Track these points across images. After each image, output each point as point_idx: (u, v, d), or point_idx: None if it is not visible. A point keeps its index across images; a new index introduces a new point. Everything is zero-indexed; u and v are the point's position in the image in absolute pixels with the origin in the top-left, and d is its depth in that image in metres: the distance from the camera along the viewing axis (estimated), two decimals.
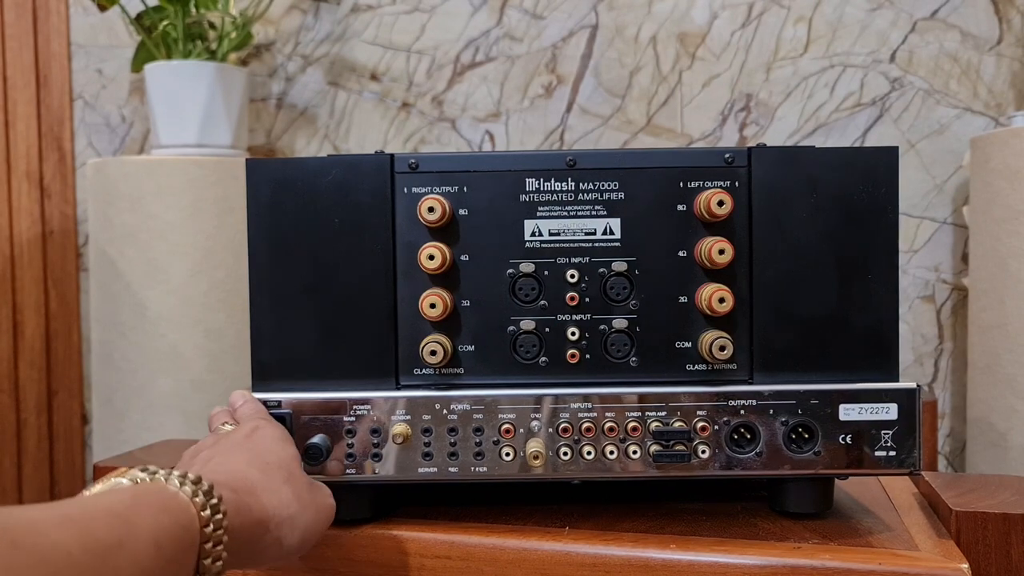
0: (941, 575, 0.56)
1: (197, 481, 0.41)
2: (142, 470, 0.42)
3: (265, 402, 0.64)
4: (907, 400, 0.62)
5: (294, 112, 1.54)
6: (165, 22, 1.36)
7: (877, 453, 0.62)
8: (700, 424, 0.62)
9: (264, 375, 0.65)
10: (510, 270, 0.64)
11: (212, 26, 1.40)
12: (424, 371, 0.65)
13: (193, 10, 1.36)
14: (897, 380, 0.63)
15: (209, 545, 0.40)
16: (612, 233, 0.64)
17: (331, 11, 1.52)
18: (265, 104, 1.55)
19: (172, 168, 1.30)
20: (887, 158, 0.63)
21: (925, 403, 1.01)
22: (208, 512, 0.40)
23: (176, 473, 0.41)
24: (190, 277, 1.30)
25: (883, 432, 0.62)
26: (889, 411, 0.62)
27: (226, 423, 0.60)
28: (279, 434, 0.56)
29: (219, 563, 0.41)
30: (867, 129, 1.37)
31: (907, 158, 1.36)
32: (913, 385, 0.63)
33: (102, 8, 1.37)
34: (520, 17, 1.47)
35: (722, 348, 0.61)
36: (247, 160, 0.66)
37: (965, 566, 0.56)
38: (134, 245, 1.30)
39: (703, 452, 0.62)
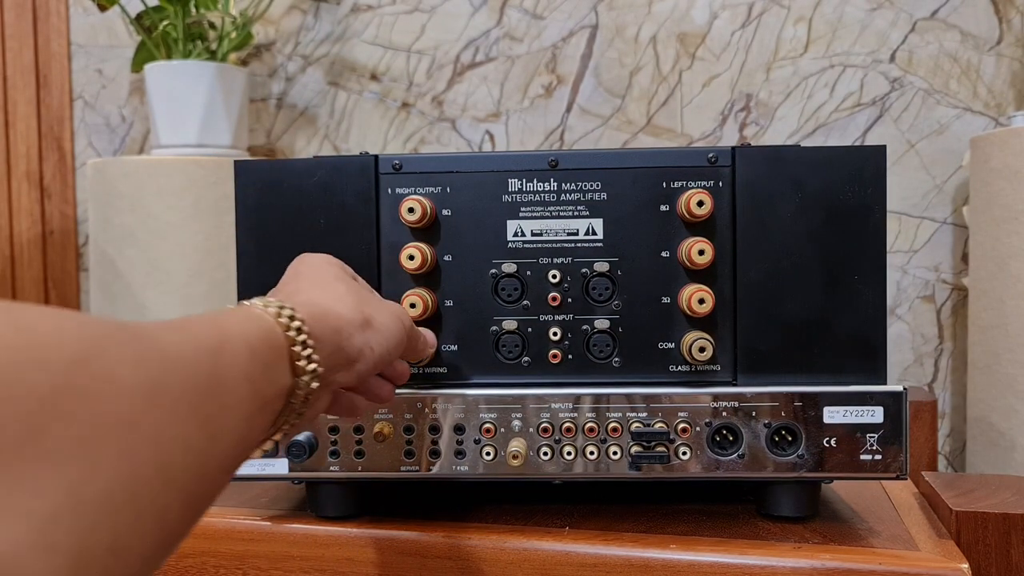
0: (941, 575, 0.56)
1: (266, 301, 0.43)
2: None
3: None
4: (893, 403, 0.61)
5: (294, 112, 1.55)
6: (165, 22, 1.36)
7: (862, 457, 0.61)
8: (681, 425, 0.61)
9: None
10: (493, 270, 0.64)
11: (212, 26, 1.40)
12: None
13: (193, 10, 1.36)
14: (884, 383, 0.63)
15: (298, 349, 0.42)
16: (594, 233, 0.64)
17: (331, 11, 1.52)
18: (265, 104, 1.56)
19: (172, 168, 1.30)
20: (874, 157, 0.62)
21: (925, 403, 1.00)
22: (285, 320, 0.42)
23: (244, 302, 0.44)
24: (190, 277, 1.31)
25: (868, 435, 0.61)
26: (875, 414, 0.62)
27: None
28: (322, 257, 0.56)
29: (313, 365, 0.43)
30: (867, 129, 1.37)
31: (907, 158, 1.36)
32: (900, 388, 0.62)
33: (102, 8, 1.37)
34: (520, 17, 1.47)
35: (702, 349, 0.61)
36: (235, 162, 0.66)
37: (965, 566, 0.56)
38: (134, 245, 1.31)
39: (684, 454, 0.61)
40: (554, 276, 0.64)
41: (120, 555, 0.27)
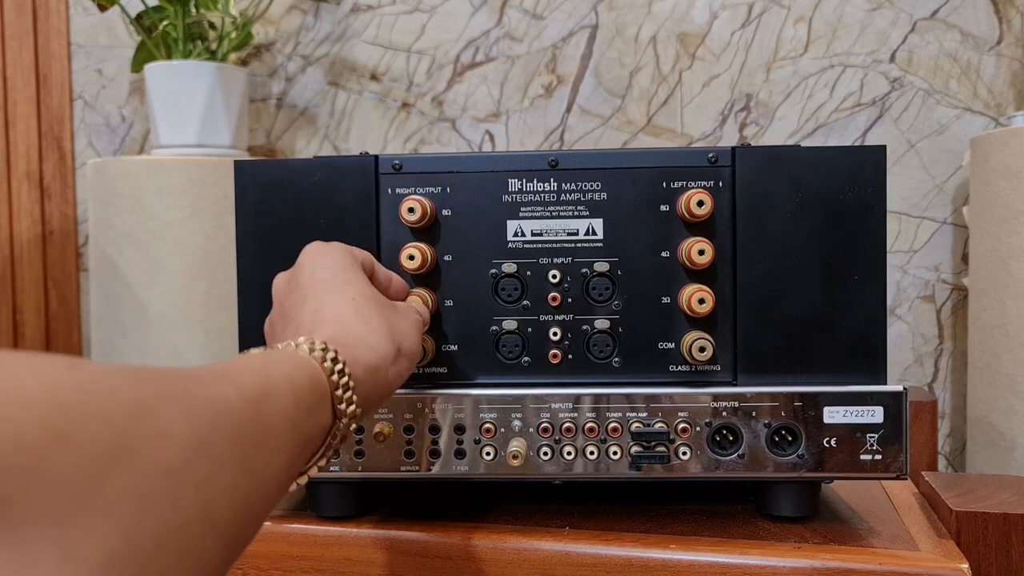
0: (941, 575, 0.56)
1: (312, 342, 0.45)
2: (266, 348, 0.46)
3: None
4: (893, 403, 0.61)
5: (294, 112, 1.55)
6: (165, 22, 1.36)
7: (863, 457, 0.61)
8: (681, 426, 0.61)
9: None
10: (493, 270, 0.64)
11: (212, 26, 1.40)
12: None
13: (193, 10, 1.36)
14: (884, 383, 0.62)
15: (340, 392, 0.44)
16: (594, 233, 0.63)
17: (331, 11, 1.52)
18: (265, 104, 1.56)
19: (172, 168, 1.30)
20: (874, 157, 0.62)
21: (925, 403, 1.00)
22: (329, 364, 0.44)
23: (295, 340, 0.45)
24: (190, 277, 1.31)
25: (868, 436, 0.61)
26: (875, 414, 0.61)
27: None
28: (338, 258, 0.55)
29: (352, 407, 0.45)
30: (867, 129, 1.37)
31: (907, 158, 1.36)
32: (900, 388, 0.61)
33: (102, 8, 1.38)
34: (520, 17, 1.47)
35: (702, 349, 0.61)
36: (235, 162, 0.66)
37: (965, 566, 0.56)
38: (134, 245, 1.31)
39: (684, 454, 0.61)
40: (554, 276, 0.64)
41: None
